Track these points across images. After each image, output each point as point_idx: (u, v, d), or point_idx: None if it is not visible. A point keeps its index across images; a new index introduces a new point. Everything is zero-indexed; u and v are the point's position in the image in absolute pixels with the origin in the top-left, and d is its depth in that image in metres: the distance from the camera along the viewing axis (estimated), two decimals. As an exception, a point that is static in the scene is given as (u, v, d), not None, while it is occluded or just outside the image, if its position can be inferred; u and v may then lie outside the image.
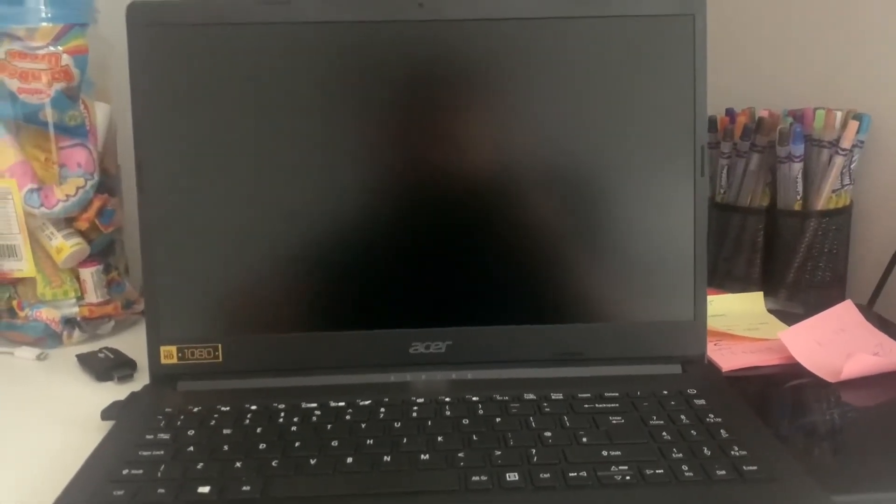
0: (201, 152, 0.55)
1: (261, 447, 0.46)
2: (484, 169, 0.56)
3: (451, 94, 0.55)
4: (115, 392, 0.58)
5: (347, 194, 0.55)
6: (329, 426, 0.48)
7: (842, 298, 0.70)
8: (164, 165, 0.55)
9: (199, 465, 0.44)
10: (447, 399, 0.51)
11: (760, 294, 0.72)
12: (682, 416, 0.48)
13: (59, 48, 0.65)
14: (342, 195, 0.55)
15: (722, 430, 0.47)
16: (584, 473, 0.42)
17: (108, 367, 0.62)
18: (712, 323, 0.62)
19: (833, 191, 0.71)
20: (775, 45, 0.82)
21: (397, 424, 0.48)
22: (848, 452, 0.48)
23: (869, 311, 0.70)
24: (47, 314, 0.68)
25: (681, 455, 0.44)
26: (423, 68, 0.55)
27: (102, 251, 0.71)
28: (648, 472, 0.42)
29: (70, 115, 0.66)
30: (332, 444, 0.46)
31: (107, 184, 0.71)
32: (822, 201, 0.71)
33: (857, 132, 0.70)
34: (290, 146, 0.55)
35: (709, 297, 0.58)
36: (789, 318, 0.66)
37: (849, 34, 0.76)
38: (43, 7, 0.64)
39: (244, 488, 0.42)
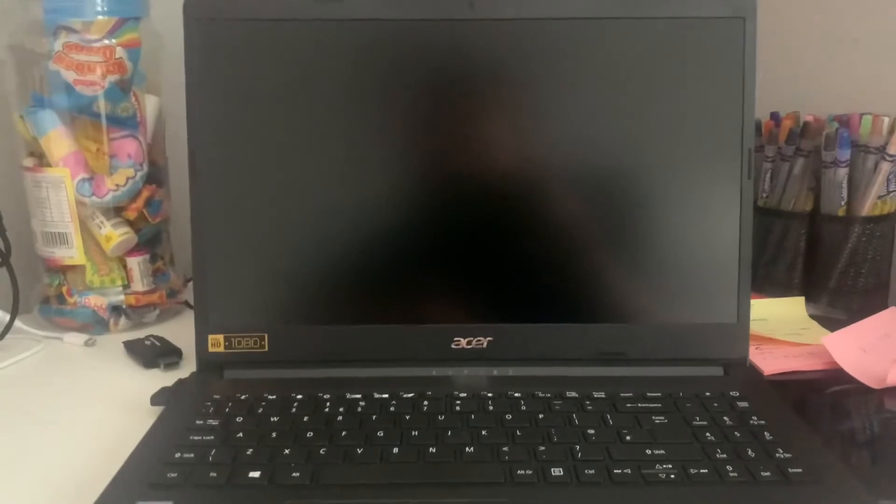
0: (252, 145, 0.56)
1: (308, 435, 0.47)
2: (532, 168, 0.56)
3: (501, 92, 0.56)
4: (162, 379, 0.59)
5: (396, 190, 0.56)
6: (374, 417, 0.49)
7: (884, 305, 0.69)
8: (215, 157, 0.56)
9: (249, 451, 0.45)
10: (489, 394, 0.52)
11: (802, 299, 0.71)
12: (726, 418, 0.48)
13: (114, 41, 0.67)
14: (391, 191, 0.56)
15: (766, 433, 0.47)
16: (628, 470, 0.43)
17: (154, 354, 0.63)
18: (754, 327, 0.62)
19: (878, 197, 0.71)
20: (822, 50, 0.82)
21: (441, 417, 0.49)
22: (893, 458, 0.48)
23: (913, 318, 0.70)
24: (95, 301, 0.70)
25: (725, 456, 0.44)
26: (472, 67, 0.56)
27: (149, 241, 0.73)
28: (693, 471, 0.42)
29: (122, 106, 0.68)
30: (378, 434, 0.47)
31: (155, 175, 0.72)
32: (867, 207, 0.71)
33: (905, 138, 0.69)
34: (339, 141, 0.56)
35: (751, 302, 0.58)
36: (831, 324, 0.65)
37: (897, 39, 0.75)
38: (99, 1, 0.66)
39: (294, 474, 0.42)
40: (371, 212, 0.56)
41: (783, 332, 0.65)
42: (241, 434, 0.47)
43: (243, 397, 0.52)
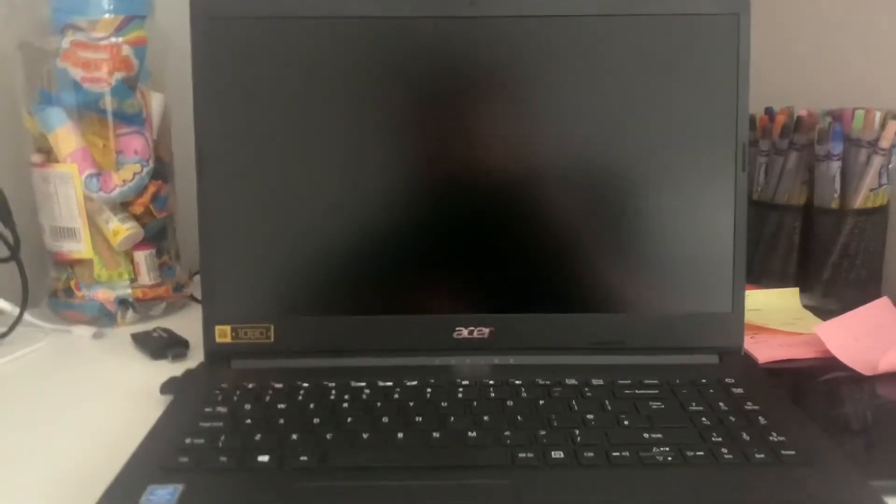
0: (257, 140, 0.57)
1: (315, 421, 0.48)
2: (531, 161, 0.58)
3: (501, 88, 0.57)
4: (170, 370, 0.60)
5: (398, 185, 0.57)
6: (378, 404, 0.50)
7: (877, 296, 0.70)
8: (221, 152, 0.57)
9: (258, 437, 0.46)
10: (491, 382, 0.53)
11: (796, 290, 0.73)
12: (721, 403, 0.50)
13: (120, 39, 0.68)
14: (393, 185, 0.57)
15: (760, 417, 0.48)
16: (626, 453, 0.44)
17: (162, 345, 0.65)
18: (749, 317, 0.63)
19: (871, 190, 0.72)
20: (815, 46, 0.83)
21: (444, 404, 0.50)
22: (884, 442, 0.49)
23: (905, 309, 0.71)
24: (103, 294, 0.71)
25: (720, 439, 0.45)
26: (473, 63, 0.57)
27: (155, 235, 0.74)
28: (689, 453, 0.44)
29: (128, 103, 0.69)
30: (383, 420, 0.48)
31: (161, 171, 0.73)
32: (860, 200, 0.72)
33: (897, 132, 0.70)
34: (344, 136, 0.57)
35: (745, 293, 0.59)
36: (825, 315, 0.67)
37: (889, 35, 0.77)
38: (106, -1, 0.67)
39: (302, 458, 0.44)
40: (374, 205, 0.58)
41: (777, 321, 0.67)
42: (249, 421, 0.48)
43: (251, 386, 0.53)
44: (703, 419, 0.48)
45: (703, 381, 0.53)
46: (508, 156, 0.58)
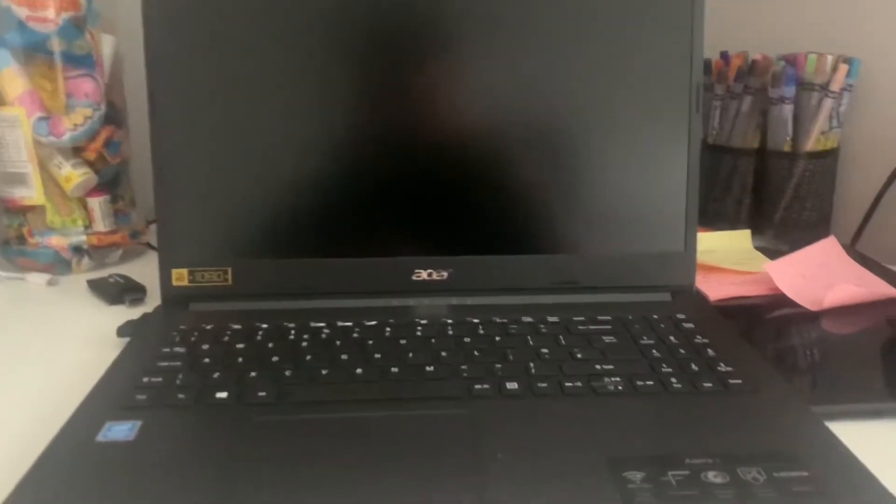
0: (210, 83, 0.56)
1: (273, 360, 0.48)
2: (486, 105, 0.58)
3: (455, 32, 0.57)
4: (127, 314, 0.60)
5: (355, 127, 0.57)
6: (338, 342, 0.51)
7: (826, 236, 0.72)
8: (174, 95, 0.56)
9: (216, 375, 0.46)
10: (449, 321, 0.54)
11: (748, 232, 0.75)
12: (672, 337, 0.51)
13: (67, -22, 0.66)
14: (350, 127, 0.57)
15: (709, 350, 0.50)
16: (579, 384, 0.45)
17: (119, 290, 0.64)
18: (702, 258, 0.65)
19: (821, 133, 0.74)
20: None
21: (403, 342, 0.51)
22: (826, 371, 0.51)
23: (852, 249, 0.73)
24: (57, 241, 0.70)
25: (670, 370, 0.47)
26: (428, 6, 0.56)
27: (109, 182, 0.73)
28: (639, 383, 0.45)
29: (77, 44, 0.67)
30: (342, 357, 0.48)
31: (114, 116, 0.72)
32: (811, 143, 0.74)
33: (847, 76, 0.72)
34: (298, 77, 0.57)
35: (699, 235, 0.60)
36: (776, 255, 0.68)
37: (843, -20, 0.78)
38: (50, -64, 0.65)
39: (260, 394, 0.44)
40: (331, 148, 0.57)
41: (729, 261, 0.68)
42: (207, 360, 0.48)
43: (209, 327, 0.53)
44: (654, 352, 0.49)
45: (655, 316, 0.54)
46: (464, 100, 0.57)
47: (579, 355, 0.49)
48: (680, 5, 0.57)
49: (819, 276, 0.63)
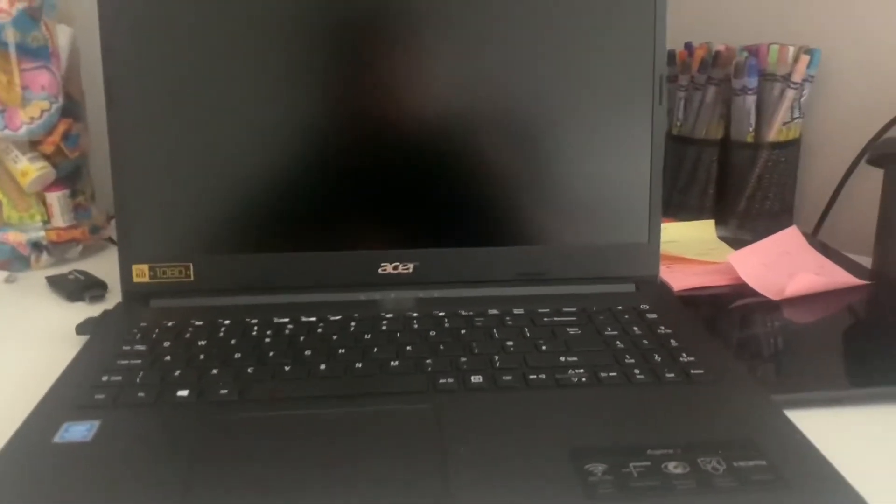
0: (169, 75, 0.55)
1: (236, 356, 0.48)
2: (447, 97, 0.57)
3: (419, 21, 0.56)
4: (87, 311, 0.59)
5: (317, 119, 0.56)
6: (301, 338, 0.50)
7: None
8: (131, 87, 0.55)
9: (177, 373, 0.46)
10: (415, 314, 0.54)
11: (712, 222, 0.75)
12: (635, 328, 0.51)
13: (20, -33, 0.64)
14: (311, 120, 0.56)
15: (672, 340, 0.50)
16: (543, 376, 0.45)
17: (79, 287, 0.63)
18: (666, 248, 0.65)
19: (783, 123, 0.74)
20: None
21: (367, 336, 0.50)
22: (786, 360, 0.52)
23: (813, 239, 0.74)
24: (14, 237, 0.68)
25: (633, 361, 0.47)
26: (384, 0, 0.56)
27: (68, 176, 0.71)
28: (603, 374, 0.45)
29: (33, 36, 0.66)
30: (306, 353, 0.48)
31: (71, 109, 0.70)
32: (773, 133, 0.74)
33: (808, 66, 0.72)
34: (258, 69, 0.56)
35: (663, 225, 0.60)
36: (739, 245, 0.69)
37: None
38: (2, -76, 0.63)
39: (222, 391, 0.44)
40: (292, 142, 0.57)
41: (693, 252, 0.69)
42: (168, 357, 0.48)
43: (170, 324, 0.52)
44: (618, 343, 0.49)
45: (619, 307, 0.55)
46: (427, 92, 0.57)
47: (544, 347, 0.49)
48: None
49: (781, 265, 0.64)
